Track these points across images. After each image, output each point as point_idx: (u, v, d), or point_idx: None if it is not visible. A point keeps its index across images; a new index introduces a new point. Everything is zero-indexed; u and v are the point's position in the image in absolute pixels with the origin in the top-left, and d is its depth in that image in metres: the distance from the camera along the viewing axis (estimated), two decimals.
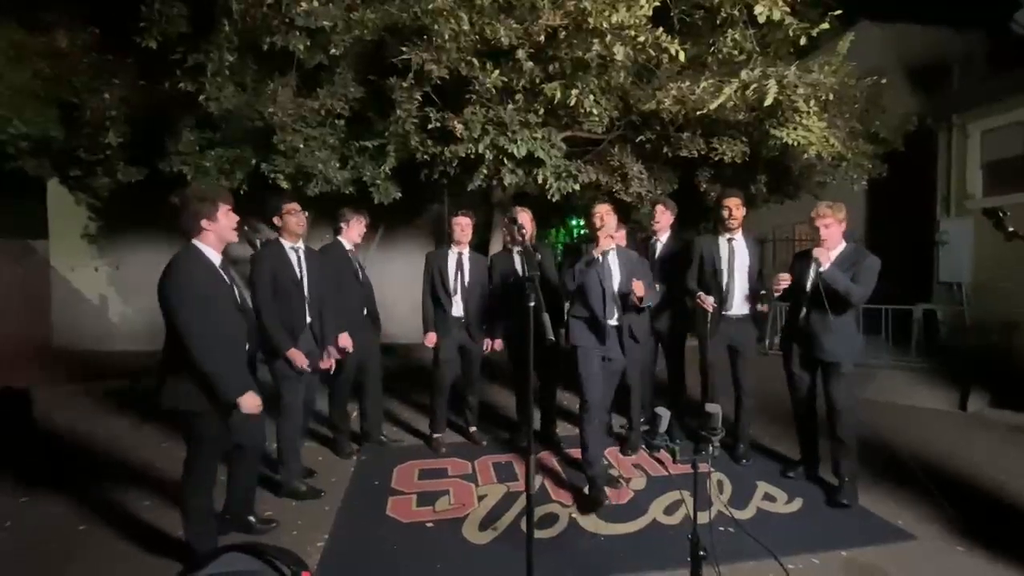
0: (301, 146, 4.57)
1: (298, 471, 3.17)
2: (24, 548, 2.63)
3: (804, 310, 3.03)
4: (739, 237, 3.49)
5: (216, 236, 2.28)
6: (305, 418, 3.31)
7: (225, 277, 2.31)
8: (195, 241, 2.25)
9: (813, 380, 3.15)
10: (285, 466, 3.11)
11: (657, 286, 3.51)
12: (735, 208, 3.46)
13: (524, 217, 3.63)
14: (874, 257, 2.93)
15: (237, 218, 2.35)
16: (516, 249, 3.76)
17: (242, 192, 5.03)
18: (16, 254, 7.26)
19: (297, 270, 3.06)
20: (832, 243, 2.94)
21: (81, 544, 2.65)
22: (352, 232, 3.68)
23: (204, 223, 2.24)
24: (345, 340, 3.39)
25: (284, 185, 4.77)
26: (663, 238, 3.86)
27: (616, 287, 3.10)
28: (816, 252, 2.89)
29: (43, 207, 7.53)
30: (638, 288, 2.98)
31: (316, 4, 4.02)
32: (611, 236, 3.13)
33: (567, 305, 3.34)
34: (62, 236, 7.63)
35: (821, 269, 2.86)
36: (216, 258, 2.30)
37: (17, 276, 7.18)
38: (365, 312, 3.69)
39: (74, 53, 5.16)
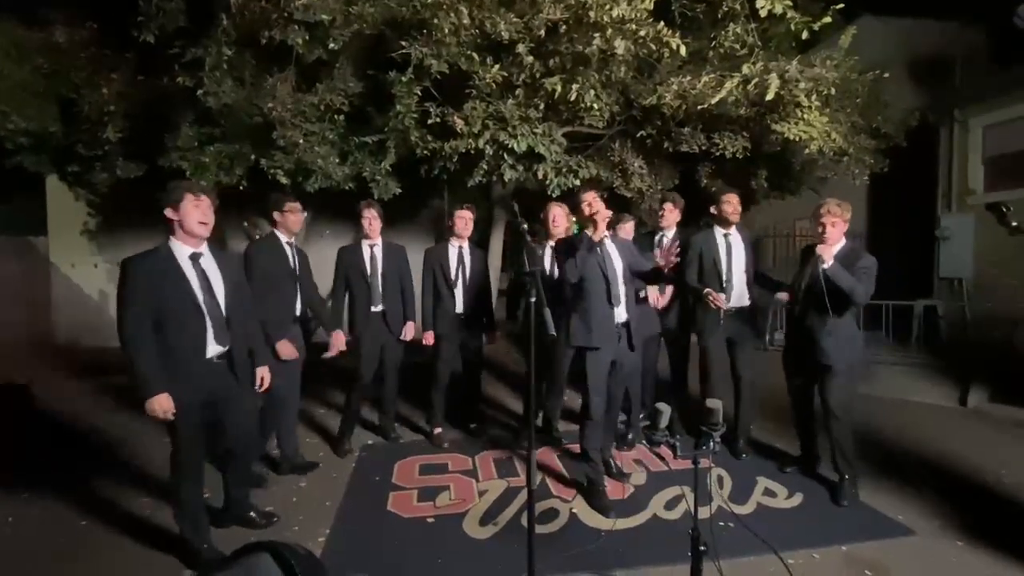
0: (300, 141, 4.55)
1: (295, 451, 3.36)
2: (27, 543, 2.64)
3: (802, 309, 3.00)
4: (734, 232, 3.50)
5: (182, 228, 2.22)
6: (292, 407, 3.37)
7: (192, 274, 2.24)
8: (171, 238, 2.24)
9: (811, 381, 3.11)
10: (281, 451, 3.30)
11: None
12: (737, 203, 3.47)
13: (559, 212, 3.61)
14: (871, 257, 2.89)
15: (204, 210, 2.25)
16: (549, 244, 3.67)
17: (241, 188, 5.02)
18: (16, 251, 7.27)
19: (291, 262, 3.20)
20: (834, 241, 2.89)
21: (83, 539, 2.66)
22: (367, 227, 3.63)
23: (168, 212, 2.20)
24: (339, 338, 3.47)
25: (283, 181, 4.76)
26: (669, 234, 3.86)
27: (620, 275, 2.89)
28: (819, 249, 2.84)
29: (42, 203, 7.52)
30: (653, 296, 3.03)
31: None
32: (605, 220, 2.79)
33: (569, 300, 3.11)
34: (61, 232, 7.62)
35: (824, 266, 2.78)
36: (184, 251, 2.25)
37: (18, 273, 7.18)
38: (379, 308, 3.61)
39: (72, 48, 5.15)
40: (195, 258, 2.27)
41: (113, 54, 5.12)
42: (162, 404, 2.13)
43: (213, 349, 2.29)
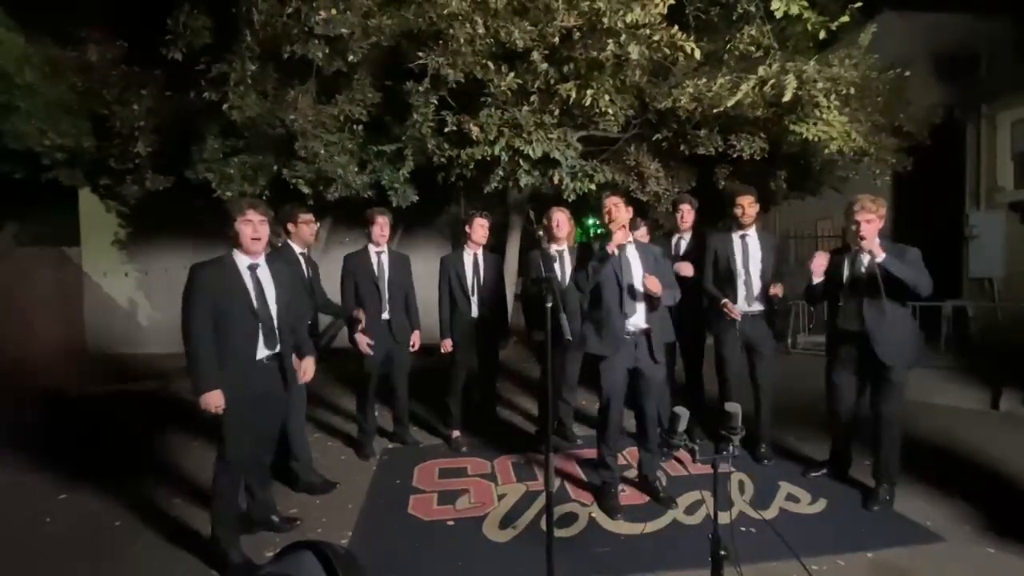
0: (321, 152, 4.66)
1: (308, 463, 3.29)
2: (64, 543, 2.74)
3: (848, 308, 2.88)
4: (752, 233, 3.46)
5: (241, 242, 2.45)
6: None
7: (249, 282, 2.45)
8: (234, 249, 2.47)
9: (862, 385, 2.99)
10: (299, 460, 3.22)
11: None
12: (747, 206, 3.43)
13: (562, 217, 3.66)
14: (914, 248, 2.79)
15: (256, 226, 2.45)
16: (555, 248, 3.73)
17: (264, 197, 5.15)
18: (52, 261, 7.55)
19: (306, 271, 3.31)
20: (872, 238, 2.74)
21: (117, 539, 2.76)
22: (375, 234, 3.65)
23: (229, 231, 2.46)
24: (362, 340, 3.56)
25: (305, 190, 4.88)
26: (687, 236, 3.86)
27: (637, 283, 2.83)
28: (868, 245, 2.68)
29: (76, 215, 7.80)
30: (651, 284, 2.70)
31: (334, 12, 4.10)
32: (624, 228, 2.83)
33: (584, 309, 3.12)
34: (94, 243, 7.89)
35: (878, 260, 2.66)
36: (244, 261, 2.47)
37: (53, 282, 7.46)
38: (387, 316, 3.67)
39: (104, 67, 5.34)
40: (252, 268, 2.49)
41: (143, 71, 5.30)
42: (214, 399, 2.32)
43: (263, 352, 2.50)
